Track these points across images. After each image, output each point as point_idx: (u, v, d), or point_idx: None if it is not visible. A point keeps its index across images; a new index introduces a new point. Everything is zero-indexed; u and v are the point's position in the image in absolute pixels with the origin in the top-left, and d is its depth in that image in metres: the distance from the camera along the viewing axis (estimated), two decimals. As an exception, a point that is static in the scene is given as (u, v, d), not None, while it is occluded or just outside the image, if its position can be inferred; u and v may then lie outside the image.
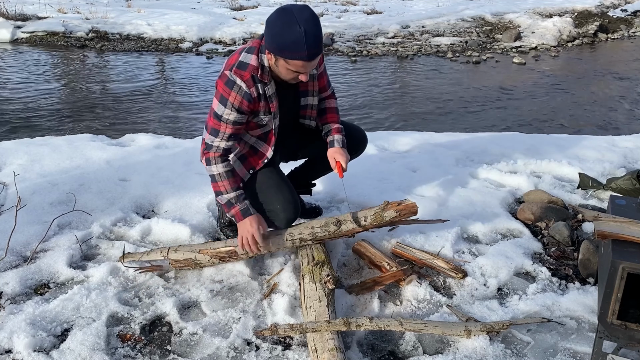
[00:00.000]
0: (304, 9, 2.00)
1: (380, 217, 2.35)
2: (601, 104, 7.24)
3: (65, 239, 2.61)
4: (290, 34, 1.97)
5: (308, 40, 1.97)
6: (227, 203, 2.27)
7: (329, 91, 2.49)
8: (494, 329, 2.05)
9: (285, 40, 1.98)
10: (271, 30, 2.02)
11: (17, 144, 3.83)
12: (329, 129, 2.44)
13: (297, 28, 1.95)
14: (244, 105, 2.16)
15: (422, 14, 12.77)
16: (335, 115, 2.47)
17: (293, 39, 1.97)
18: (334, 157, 2.36)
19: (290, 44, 1.98)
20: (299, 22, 1.95)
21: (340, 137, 2.40)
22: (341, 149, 2.37)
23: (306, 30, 1.95)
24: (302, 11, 1.98)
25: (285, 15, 1.98)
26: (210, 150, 2.26)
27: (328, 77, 2.47)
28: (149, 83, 8.03)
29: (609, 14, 13.28)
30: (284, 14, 1.99)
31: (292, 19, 1.96)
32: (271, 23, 2.02)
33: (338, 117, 2.48)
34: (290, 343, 2.06)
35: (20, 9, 11.34)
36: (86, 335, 2.02)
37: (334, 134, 2.41)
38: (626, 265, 1.77)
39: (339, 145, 2.38)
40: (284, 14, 1.99)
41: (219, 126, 2.21)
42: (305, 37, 1.96)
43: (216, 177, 2.26)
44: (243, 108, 2.17)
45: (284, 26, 1.97)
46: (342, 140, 2.40)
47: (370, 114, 6.83)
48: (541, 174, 3.54)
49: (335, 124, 2.44)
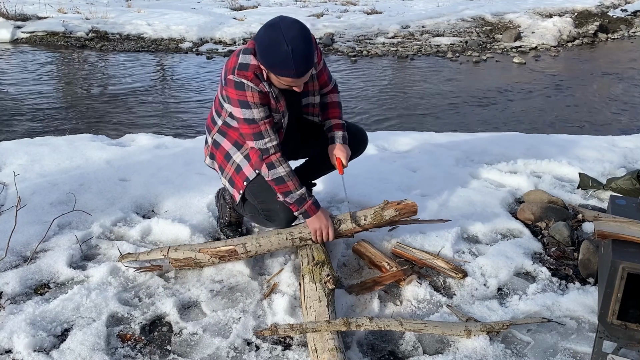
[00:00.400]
0: (292, 25, 1.97)
1: (380, 216, 2.35)
2: (601, 104, 7.24)
3: (65, 239, 2.61)
4: (278, 54, 1.96)
5: (296, 59, 1.97)
6: (299, 200, 2.26)
7: (330, 85, 2.46)
8: (494, 329, 2.05)
9: (273, 59, 1.99)
10: (260, 47, 2.02)
11: (17, 144, 3.83)
12: (330, 125, 2.43)
13: (284, 47, 1.94)
14: (262, 99, 2.15)
15: (422, 14, 12.77)
16: (337, 110, 2.46)
17: (281, 59, 1.97)
18: (335, 154, 2.37)
19: (278, 63, 1.99)
20: (287, 41, 1.94)
21: (342, 133, 2.40)
22: (342, 145, 2.37)
23: (293, 49, 1.95)
24: (290, 28, 1.96)
25: (273, 32, 1.97)
26: (270, 154, 2.24)
27: (329, 72, 2.45)
28: (149, 83, 8.03)
29: (609, 14, 13.28)
30: (272, 31, 1.98)
31: (279, 37, 1.95)
32: (260, 39, 2.01)
33: (340, 112, 2.47)
34: (290, 343, 2.06)
35: (20, 9, 11.33)
36: (86, 335, 2.02)
37: (335, 130, 2.41)
38: (626, 265, 1.78)
39: (339, 141, 2.38)
40: (272, 30, 1.98)
41: (258, 128, 2.19)
42: (292, 55, 1.95)
43: (284, 178, 2.24)
44: (263, 101, 2.16)
45: (272, 44, 1.97)
46: (344, 136, 2.40)
47: (370, 113, 6.83)
48: (541, 174, 3.54)
49: (337, 120, 2.44)
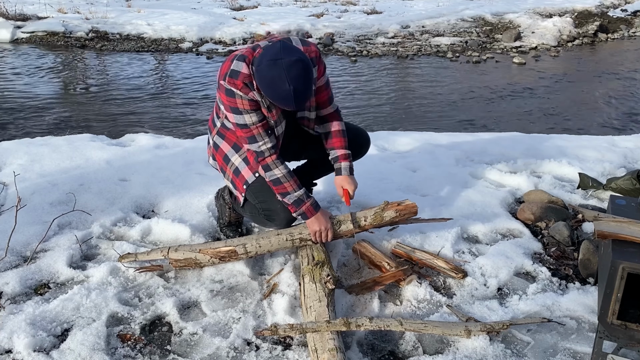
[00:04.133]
0: (294, 65, 1.98)
1: (380, 217, 2.35)
2: (601, 104, 7.25)
3: (65, 239, 2.61)
4: (279, 92, 2.01)
5: (296, 98, 2.02)
6: (296, 201, 2.27)
7: (330, 108, 2.41)
8: (494, 329, 2.05)
9: (274, 96, 2.05)
10: (261, 82, 2.05)
11: (17, 144, 3.83)
12: (335, 156, 2.42)
13: (286, 86, 1.98)
14: (252, 105, 2.17)
15: (422, 14, 12.77)
16: (341, 139, 2.42)
17: (282, 97, 2.02)
18: (342, 185, 2.39)
19: (279, 100, 2.05)
20: (289, 80, 1.98)
21: (348, 165, 2.40)
22: (349, 177, 2.39)
23: (295, 88, 1.99)
24: (291, 67, 1.98)
25: (276, 69, 1.98)
26: (264, 156, 2.25)
27: (331, 92, 2.40)
28: (149, 83, 8.03)
29: (609, 14, 13.28)
30: (275, 68, 1.99)
31: (281, 76, 1.98)
32: (261, 74, 2.03)
33: (345, 141, 2.43)
34: (290, 343, 2.06)
35: (20, 9, 11.33)
36: (86, 335, 2.02)
37: (342, 161, 2.40)
38: (626, 265, 1.78)
39: (346, 173, 2.39)
40: (275, 68, 1.99)
41: (250, 132, 2.21)
42: (293, 95, 2.00)
43: (281, 179, 2.25)
44: (254, 107, 2.18)
45: (274, 81, 2.00)
46: (350, 167, 2.41)
47: (370, 113, 6.83)
48: (541, 174, 3.54)
49: (343, 150, 2.41)
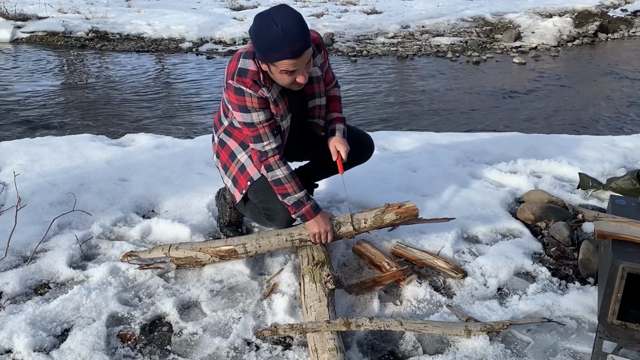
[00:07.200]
0: (280, 7, 1.97)
1: (380, 219, 2.35)
2: (601, 104, 7.25)
3: (65, 239, 2.61)
4: (268, 36, 1.94)
5: (287, 37, 1.92)
6: (297, 203, 2.27)
7: (333, 85, 2.49)
8: (494, 329, 2.05)
9: (265, 43, 1.95)
10: (252, 37, 2.01)
11: (17, 144, 3.83)
12: (331, 118, 2.45)
13: (274, 28, 1.92)
14: (262, 104, 2.16)
15: (422, 14, 12.77)
16: (337, 104, 2.48)
17: (272, 40, 1.93)
18: (335, 145, 2.37)
19: (270, 46, 1.95)
20: (276, 22, 1.92)
21: (342, 127, 2.42)
22: (342, 138, 2.38)
23: (283, 27, 1.91)
24: (278, 10, 1.96)
25: (262, 18, 1.97)
26: (268, 156, 2.25)
27: (332, 72, 2.47)
28: (149, 83, 8.03)
29: (609, 14, 13.29)
30: (260, 18, 1.98)
31: (268, 21, 1.94)
32: (252, 31, 2.01)
33: (340, 106, 2.49)
34: (290, 343, 2.06)
35: (20, 9, 11.35)
36: (86, 335, 2.02)
37: (336, 123, 2.42)
38: (626, 265, 1.77)
39: (339, 134, 2.39)
40: (260, 17, 1.98)
41: (257, 131, 2.21)
42: (283, 33, 1.91)
43: (282, 180, 2.26)
44: (263, 105, 2.17)
45: (261, 29, 1.95)
46: (344, 130, 2.42)
47: (370, 113, 6.83)
48: (541, 174, 3.54)
49: (338, 113, 2.46)
